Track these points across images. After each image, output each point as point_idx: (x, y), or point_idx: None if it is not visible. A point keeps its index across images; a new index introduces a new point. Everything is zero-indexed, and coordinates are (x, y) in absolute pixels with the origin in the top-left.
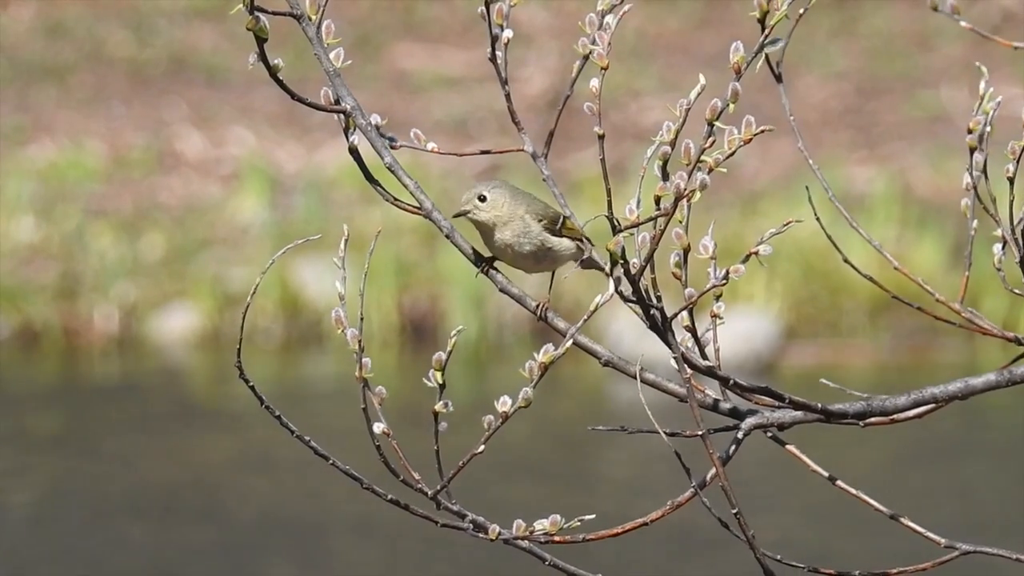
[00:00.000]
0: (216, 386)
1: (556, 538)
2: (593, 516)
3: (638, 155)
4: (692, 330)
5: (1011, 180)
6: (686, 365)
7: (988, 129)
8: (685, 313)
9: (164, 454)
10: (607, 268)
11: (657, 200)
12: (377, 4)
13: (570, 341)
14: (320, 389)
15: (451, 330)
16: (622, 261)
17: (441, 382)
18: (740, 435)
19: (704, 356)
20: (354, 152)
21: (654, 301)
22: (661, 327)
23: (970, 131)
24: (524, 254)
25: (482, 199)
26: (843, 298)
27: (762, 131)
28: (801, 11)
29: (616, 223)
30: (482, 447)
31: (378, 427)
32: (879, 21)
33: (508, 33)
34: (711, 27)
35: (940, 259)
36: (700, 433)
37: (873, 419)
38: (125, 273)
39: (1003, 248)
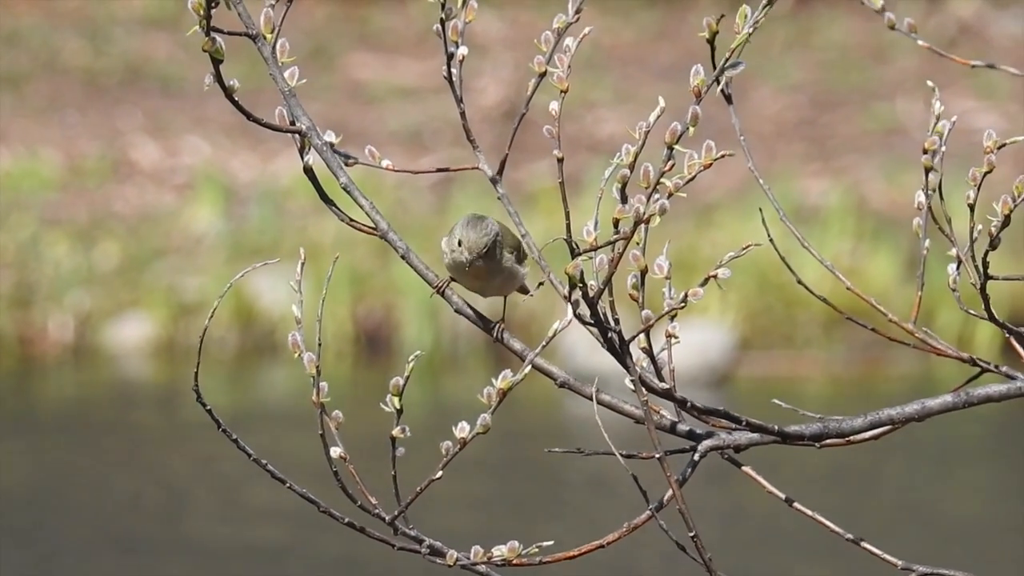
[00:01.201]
0: (159, 400)
1: (514, 562)
2: (551, 543)
3: (593, 167)
4: (649, 352)
5: (971, 207)
6: (643, 387)
7: (943, 149)
8: (642, 335)
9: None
10: (565, 291)
11: (615, 222)
12: (332, 15)
13: (528, 367)
14: (275, 399)
15: (405, 340)
16: (580, 284)
17: (399, 407)
18: (696, 457)
19: (660, 377)
20: (309, 172)
21: (612, 324)
22: (619, 350)
23: (925, 151)
24: (491, 283)
25: (488, 255)
26: (797, 310)
27: (722, 156)
28: (750, 28)
29: (575, 247)
30: (440, 473)
31: (335, 452)
32: (834, 33)
33: (463, 51)
34: (666, 39)
35: (895, 271)
36: (657, 455)
37: (829, 440)
38: (80, 282)
39: (957, 269)
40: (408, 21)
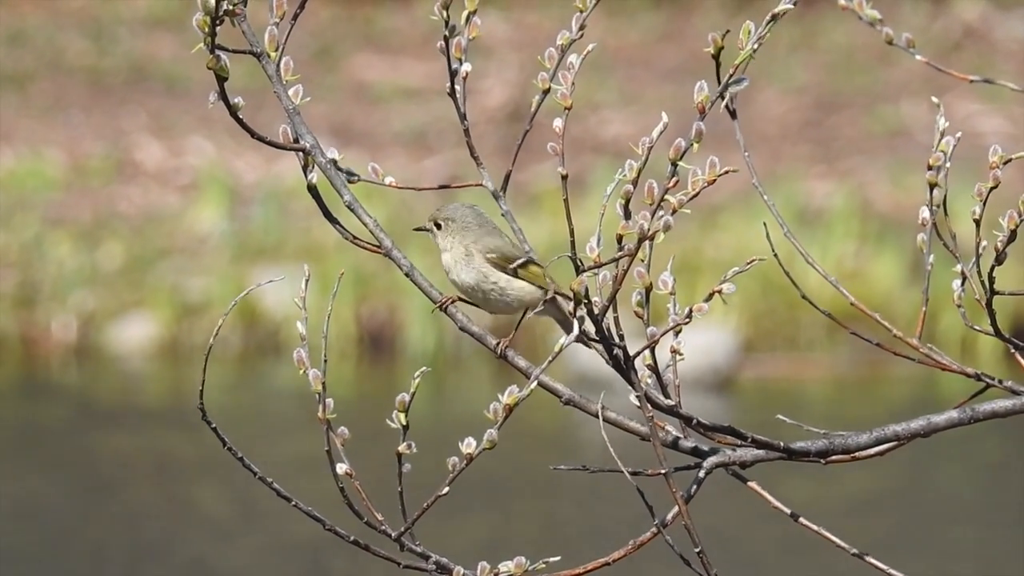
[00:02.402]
0: (173, 394)
1: None
2: (559, 558)
3: (597, 168)
4: (654, 368)
5: (977, 223)
6: (649, 404)
7: (947, 166)
8: (647, 351)
9: None
10: (569, 308)
11: (619, 238)
12: (337, 15)
13: (534, 383)
14: (278, 400)
15: (409, 341)
16: (585, 301)
17: (405, 424)
18: (702, 474)
19: (666, 393)
20: (313, 190)
21: (617, 340)
22: (623, 366)
23: (930, 167)
24: (469, 284)
25: (438, 226)
26: (801, 312)
27: (726, 172)
28: (754, 45)
29: (579, 264)
30: (446, 489)
31: (341, 468)
32: (839, 35)
33: (467, 67)
34: (671, 40)
35: (899, 273)
36: (664, 472)
37: (835, 457)
38: (83, 282)
39: (962, 285)
40: (413, 22)
